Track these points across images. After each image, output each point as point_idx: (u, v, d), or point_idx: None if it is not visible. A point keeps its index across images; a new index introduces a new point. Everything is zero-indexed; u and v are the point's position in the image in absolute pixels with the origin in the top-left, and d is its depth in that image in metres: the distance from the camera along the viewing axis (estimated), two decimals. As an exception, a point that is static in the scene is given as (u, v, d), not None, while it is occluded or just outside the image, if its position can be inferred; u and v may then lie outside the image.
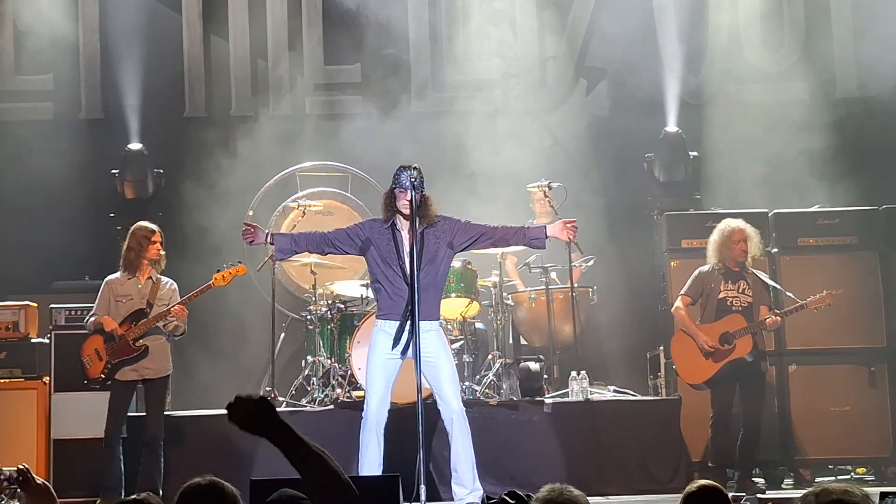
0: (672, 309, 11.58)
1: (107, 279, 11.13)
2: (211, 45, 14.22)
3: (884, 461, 12.18)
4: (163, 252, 11.13)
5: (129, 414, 11.11)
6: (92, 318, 11.01)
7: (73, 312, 11.78)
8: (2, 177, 13.54)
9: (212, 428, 11.68)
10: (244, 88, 14.24)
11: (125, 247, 11.08)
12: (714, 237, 11.33)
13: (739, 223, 11.27)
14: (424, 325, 9.11)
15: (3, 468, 5.81)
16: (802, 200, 13.07)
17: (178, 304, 10.88)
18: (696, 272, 11.42)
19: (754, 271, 11.33)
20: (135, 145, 13.61)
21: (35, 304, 12.59)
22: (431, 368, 9.27)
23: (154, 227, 11.13)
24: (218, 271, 11.03)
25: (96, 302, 11.08)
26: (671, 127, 13.56)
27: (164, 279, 11.13)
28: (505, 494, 5.64)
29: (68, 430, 12.07)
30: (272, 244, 9.72)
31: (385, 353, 9.38)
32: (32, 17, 13.71)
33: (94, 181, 13.60)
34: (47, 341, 12.27)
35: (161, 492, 10.46)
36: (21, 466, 5.71)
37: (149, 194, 13.49)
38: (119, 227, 12.50)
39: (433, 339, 9.31)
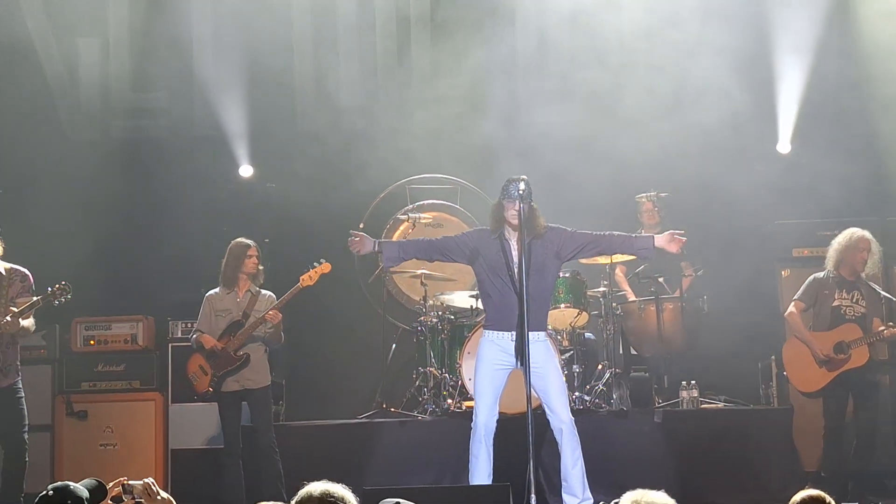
0: (785, 314, 11.52)
1: (207, 295, 11.36)
2: (322, 58, 14.30)
3: None
4: (261, 267, 11.31)
5: (244, 424, 11.28)
6: (195, 335, 11.26)
7: (189, 325, 12.00)
8: (118, 193, 13.75)
9: (326, 437, 11.85)
10: (354, 102, 14.30)
11: (223, 263, 11.29)
12: (839, 241, 11.25)
13: (867, 234, 11.19)
14: (532, 336, 9.14)
15: (130, 481, 5.95)
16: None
17: (271, 309, 11.03)
18: (811, 278, 11.36)
19: (868, 282, 11.23)
20: (246, 168, 13.82)
21: (152, 317, 12.85)
22: (540, 379, 9.29)
23: (250, 242, 11.31)
24: (304, 272, 11.14)
25: (199, 318, 11.32)
26: (783, 146, 13.46)
27: (264, 291, 11.32)
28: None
29: (185, 441, 12.31)
30: (380, 252, 9.82)
31: (493, 364, 9.44)
32: (148, 36, 13.89)
33: (209, 196, 13.76)
34: (165, 354, 12.54)
35: (286, 498, 10.60)
36: (146, 480, 5.85)
37: (262, 208, 13.63)
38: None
39: (541, 350, 9.33)
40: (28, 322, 10.20)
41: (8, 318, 9.98)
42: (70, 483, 5.98)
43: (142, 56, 13.96)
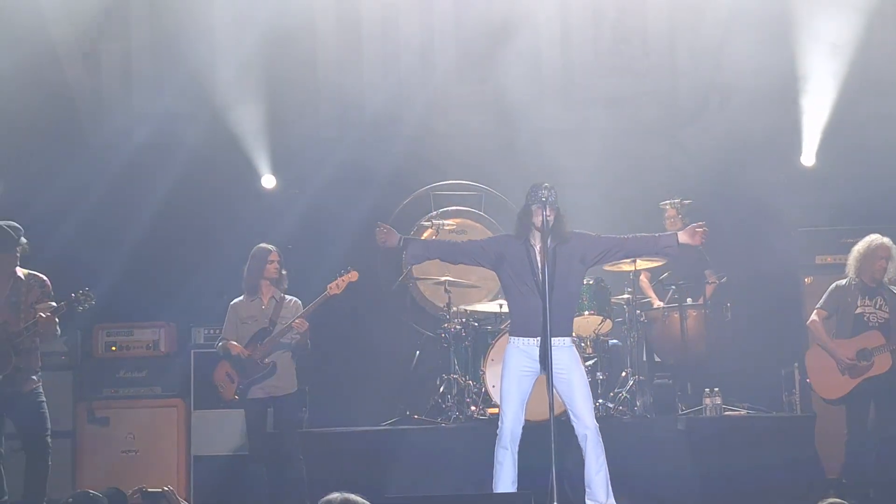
0: (808, 322, 11.52)
1: (232, 303, 11.34)
2: (344, 63, 14.31)
3: None
4: (284, 272, 11.28)
5: (270, 431, 11.28)
6: (220, 343, 11.23)
7: (211, 331, 11.98)
8: (140, 199, 13.78)
9: (350, 444, 11.85)
10: (377, 107, 14.29)
11: (246, 269, 11.29)
12: (858, 249, 11.27)
13: (886, 240, 11.19)
14: (557, 342, 9.12)
15: (149, 489, 5.99)
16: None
17: (299, 317, 11.01)
18: (833, 286, 11.36)
19: (891, 288, 11.22)
20: (268, 179, 13.80)
21: (174, 324, 12.85)
22: (564, 385, 9.27)
23: (271, 247, 11.30)
24: (332, 280, 11.12)
25: (224, 326, 11.31)
26: (807, 159, 13.40)
27: (288, 297, 11.30)
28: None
29: (208, 447, 12.30)
30: (405, 249, 9.82)
31: (519, 370, 9.41)
32: (170, 41, 13.88)
33: (232, 202, 13.73)
34: (187, 360, 12.54)
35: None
36: (166, 489, 5.88)
37: (286, 214, 13.59)
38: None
39: (566, 356, 9.31)
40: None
41: (42, 314, 10.02)
42: (90, 491, 6.02)
43: (164, 61, 13.96)
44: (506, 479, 9.31)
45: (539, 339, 9.20)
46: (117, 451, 12.43)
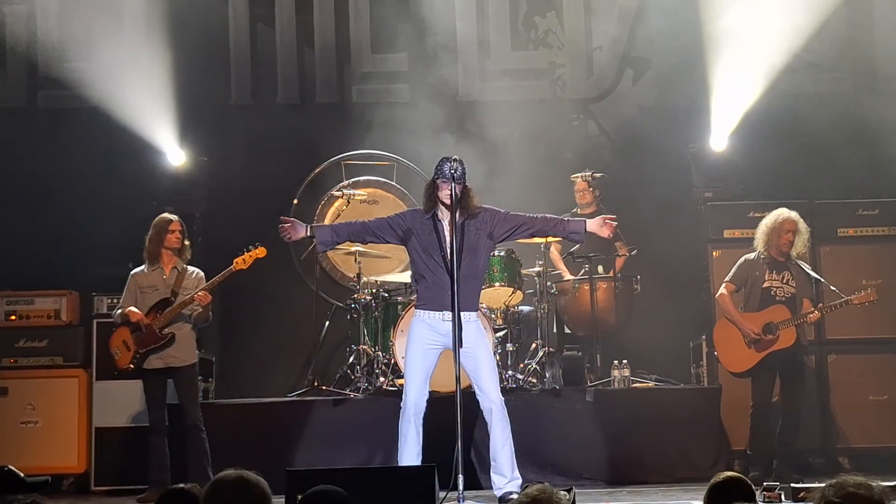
0: (716, 295, 11.59)
1: (132, 272, 11.15)
2: (257, 32, 14.21)
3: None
4: (187, 242, 11.14)
5: (170, 402, 11.15)
6: (119, 311, 11.06)
7: (114, 300, 11.80)
8: (44, 164, 13.59)
9: (255, 416, 11.77)
10: (290, 76, 14.22)
11: (147, 238, 11.12)
12: (765, 222, 11.33)
13: (793, 214, 11.26)
14: (464, 316, 9.09)
15: None
16: (843, 191, 13.03)
17: (202, 290, 10.90)
18: (742, 259, 11.42)
19: (798, 262, 11.32)
20: (176, 155, 13.51)
21: (76, 292, 12.65)
22: (470, 359, 9.25)
23: (173, 216, 11.14)
24: (238, 255, 11.01)
25: (123, 294, 11.13)
26: (717, 137, 13.39)
27: (191, 268, 11.14)
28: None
29: (110, 419, 12.12)
30: (313, 237, 9.77)
31: (424, 343, 9.39)
32: (76, 5, 13.67)
33: (138, 169, 13.50)
34: (89, 329, 12.34)
35: (212, 476, 10.49)
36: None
37: (194, 183, 13.41)
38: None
39: (472, 330, 9.28)
40: None
41: None
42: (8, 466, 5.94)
43: (70, 25, 13.71)
44: (410, 452, 9.29)
45: (445, 313, 9.21)
46: (16, 423, 12.17)
